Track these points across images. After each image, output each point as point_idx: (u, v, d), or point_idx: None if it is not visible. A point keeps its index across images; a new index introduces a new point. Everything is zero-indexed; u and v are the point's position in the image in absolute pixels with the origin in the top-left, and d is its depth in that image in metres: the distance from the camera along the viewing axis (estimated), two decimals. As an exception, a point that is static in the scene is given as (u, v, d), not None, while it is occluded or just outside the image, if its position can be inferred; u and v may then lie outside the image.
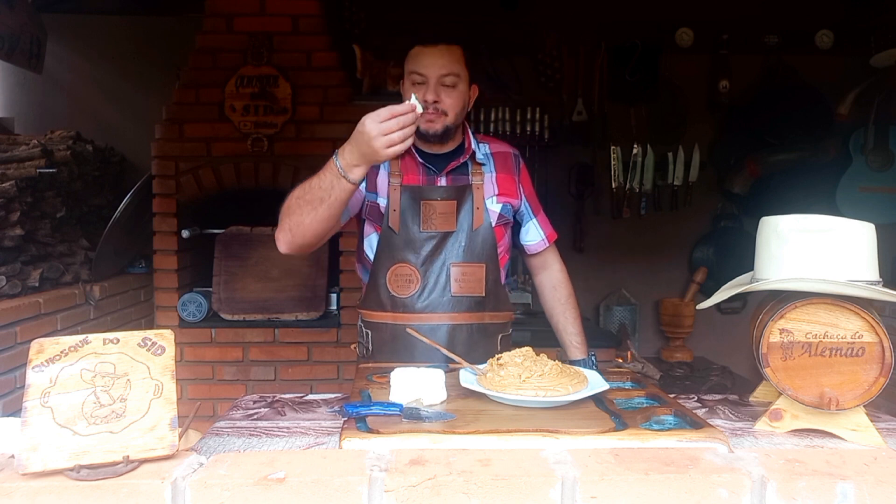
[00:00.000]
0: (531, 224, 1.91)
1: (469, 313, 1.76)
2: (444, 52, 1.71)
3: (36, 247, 2.87)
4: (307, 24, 3.28)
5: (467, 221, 1.75)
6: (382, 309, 1.77)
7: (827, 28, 3.85)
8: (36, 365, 0.93)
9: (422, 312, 1.73)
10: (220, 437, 1.26)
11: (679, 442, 1.10)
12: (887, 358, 1.22)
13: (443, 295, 1.74)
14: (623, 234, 4.02)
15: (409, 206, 1.74)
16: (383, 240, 1.75)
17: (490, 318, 1.80)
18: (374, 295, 1.79)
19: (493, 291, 1.79)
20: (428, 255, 1.74)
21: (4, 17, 2.87)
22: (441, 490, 0.89)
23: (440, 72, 1.69)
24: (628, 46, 3.85)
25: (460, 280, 1.74)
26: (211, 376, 3.29)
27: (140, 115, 3.67)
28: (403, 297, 1.74)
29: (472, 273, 1.75)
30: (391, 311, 1.76)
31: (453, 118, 1.73)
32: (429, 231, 1.74)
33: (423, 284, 1.73)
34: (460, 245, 1.75)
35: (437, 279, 1.74)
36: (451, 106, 1.71)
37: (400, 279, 1.74)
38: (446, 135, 1.76)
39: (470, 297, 1.76)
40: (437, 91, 1.69)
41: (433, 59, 1.70)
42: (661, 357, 3.90)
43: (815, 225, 1.27)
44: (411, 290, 1.73)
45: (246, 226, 3.36)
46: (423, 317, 1.73)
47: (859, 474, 0.93)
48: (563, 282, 1.95)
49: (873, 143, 3.76)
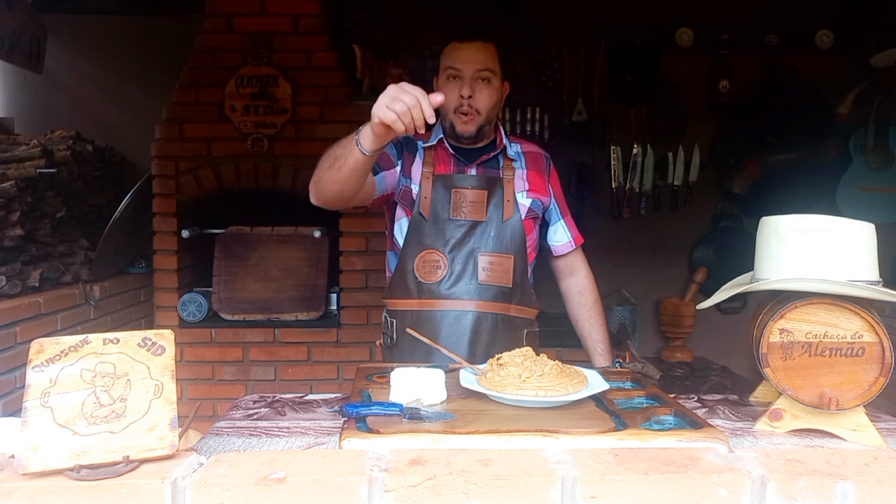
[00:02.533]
0: (559, 224, 1.94)
1: (495, 303, 1.78)
2: (480, 48, 1.77)
3: (36, 247, 2.87)
4: (307, 24, 3.28)
5: (497, 213, 1.78)
6: (408, 296, 1.79)
7: (827, 28, 3.85)
8: (36, 365, 0.93)
9: (447, 298, 1.76)
10: (220, 437, 1.25)
11: (679, 442, 1.09)
12: (887, 358, 1.22)
13: (469, 282, 1.76)
14: (623, 234, 4.02)
15: (439, 194, 1.78)
16: (413, 225, 1.78)
17: (516, 311, 1.82)
18: (401, 282, 1.80)
19: (520, 284, 1.81)
20: (456, 243, 1.77)
21: (4, 17, 2.87)
22: (441, 490, 0.89)
23: (476, 67, 1.74)
24: (628, 46, 3.84)
25: (488, 269, 1.76)
26: (211, 376, 3.29)
27: (140, 115, 3.67)
28: (430, 283, 1.76)
29: (500, 263, 1.77)
30: (417, 297, 1.78)
31: (486, 116, 1.78)
32: (458, 219, 1.77)
33: (451, 271, 1.76)
34: (489, 235, 1.77)
35: (465, 267, 1.76)
36: (484, 101, 1.76)
37: (427, 265, 1.76)
38: (480, 134, 1.80)
39: (497, 286, 1.78)
40: (472, 86, 1.74)
41: (469, 54, 1.75)
42: (661, 357, 3.90)
43: (815, 225, 1.27)
44: (438, 276, 1.76)
45: (246, 226, 3.36)
46: (448, 303, 1.76)
47: (859, 474, 0.93)
48: (590, 288, 1.95)
49: (873, 143, 3.76)
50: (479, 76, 1.74)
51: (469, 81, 1.74)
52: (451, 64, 1.76)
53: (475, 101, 1.74)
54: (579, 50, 3.86)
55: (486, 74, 1.75)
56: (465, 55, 1.75)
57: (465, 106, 1.74)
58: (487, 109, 1.77)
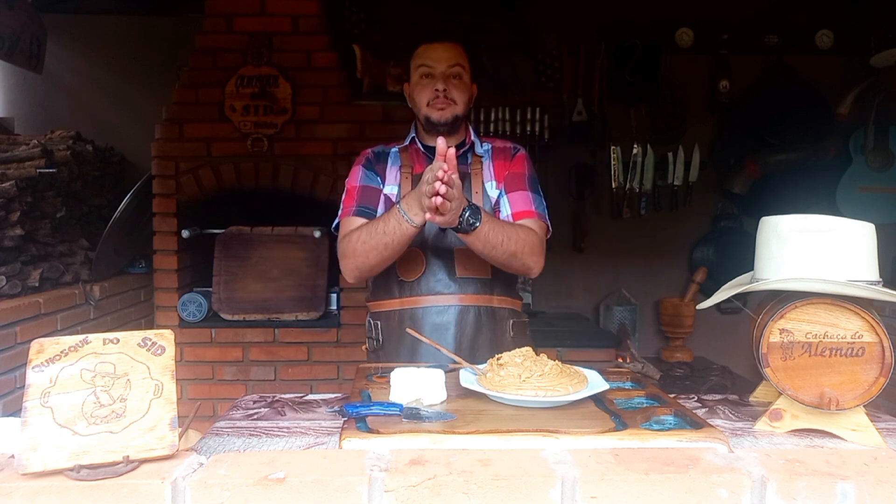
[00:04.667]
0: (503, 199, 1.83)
1: (476, 295, 1.80)
2: (448, 47, 1.83)
3: (36, 247, 2.87)
4: (307, 24, 3.28)
5: None
6: (391, 296, 1.83)
7: (827, 28, 3.86)
8: (36, 365, 0.93)
9: (429, 294, 1.78)
10: (220, 437, 1.25)
11: (679, 442, 1.09)
12: (887, 358, 1.22)
13: (449, 277, 1.79)
14: (623, 234, 4.02)
15: None
16: None
17: (499, 303, 1.84)
18: (384, 283, 1.84)
19: (501, 274, 1.81)
20: (433, 239, 1.80)
21: (4, 17, 2.87)
22: (441, 490, 0.89)
23: (447, 63, 1.80)
24: (628, 46, 3.84)
25: (465, 263, 1.79)
26: (211, 376, 3.29)
27: (140, 115, 3.67)
28: (411, 281, 1.79)
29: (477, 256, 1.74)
30: (399, 297, 1.81)
31: (461, 107, 1.82)
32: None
33: (429, 267, 1.79)
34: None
35: (443, 262, 1.80)
36: (457, 94, 1.80)
37: (408, 263, 1.79)
38: (455, 124, 1.83)
39: (476, 279, 1.80)
40: (445, 81, 1.79)
41: (440, 52, 1.81)
42: (661, 357, 3.90)
43: (815, 225, 1.27)
44: (418, 273, 1.79)
45: (246, 226, 3.36)
46: (430, 299, 1.78)
47: (859, 474, 0.93)
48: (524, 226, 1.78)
49: (873, 143, 3.76)
50: (450, 72, 1.80)
51: (442, 77, 1.79)
52: (424, 62, 1.81)
53: (449, 92, 1.79)
54: (579, 50, 3.87)
55: (458, 70, 1.81)
56: (436, 54, 1.81)
57: (440, 98, 1.78)
58: (462, 103, 1.82)
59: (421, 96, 1.81)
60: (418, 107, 1.83)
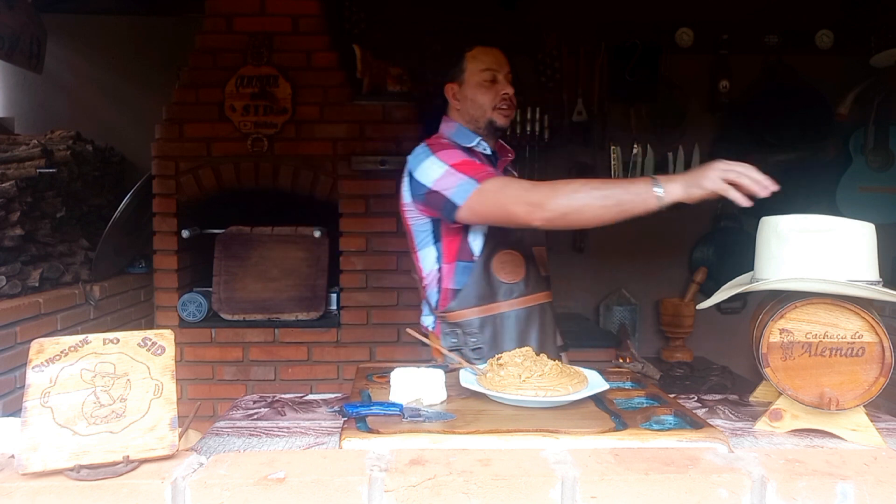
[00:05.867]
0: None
1: (549, 292, 1.91)
2: (501, 53, 1.88)
3: (36, 247, 2.87)
4: (307, 24, 3.27)
5: None
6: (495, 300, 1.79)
7: (827, 28, 3.85)
8: (36, 365, 0.93)
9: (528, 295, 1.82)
10: (220, 437, 1.26)
11: (679, 442, 1.10)
12: (887, 358, 1.22)
13: (538, 276, 1.86)
14: (623, 234, 4.01)
15: None
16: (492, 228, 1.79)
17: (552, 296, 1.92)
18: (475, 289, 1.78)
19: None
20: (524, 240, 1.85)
21: (4, 17, 2.87)
22: (441, 490, 0.89)
23: (507, 68, 1.86)
24: (628, 46, 3.84)
25: (543, 263, 1.89)
26: (211, 376, 3.29)
27: (140, 115, 3.67)
28: (511, 284, 1.80)
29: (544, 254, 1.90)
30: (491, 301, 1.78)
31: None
32: None
33: (527, 269, 1.83)
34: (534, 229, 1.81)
35: (533, 263, 1.85)
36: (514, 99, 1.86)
37: (506, 266, 1.80)
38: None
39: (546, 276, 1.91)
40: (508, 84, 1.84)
41: (500, 57, 1.86)
42: (661, 357, 3.90)
43: (815, 225, 1.27)
44: (520, 275, 1.81)
45: (246, 226, 3.36)
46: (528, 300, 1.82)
47: (859, 474, 0.93)
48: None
49: (873, 143, 3.76)
50: (508, 77, 1.85)
51: (508, 81, 1.84)
52: (489, 66, 1.83)
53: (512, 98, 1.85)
54: (579, 50, 3.86)
55: (510, 76, 1.86)
56: (497, 58, 1.85)
57: (508, 102, 1.82)
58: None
59: (485, 98, 1.81)
60: (482, 109, 1.82)
